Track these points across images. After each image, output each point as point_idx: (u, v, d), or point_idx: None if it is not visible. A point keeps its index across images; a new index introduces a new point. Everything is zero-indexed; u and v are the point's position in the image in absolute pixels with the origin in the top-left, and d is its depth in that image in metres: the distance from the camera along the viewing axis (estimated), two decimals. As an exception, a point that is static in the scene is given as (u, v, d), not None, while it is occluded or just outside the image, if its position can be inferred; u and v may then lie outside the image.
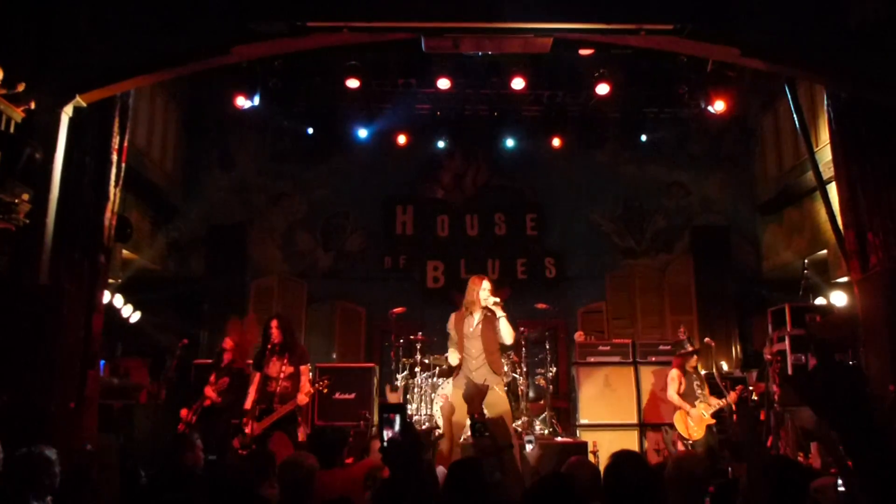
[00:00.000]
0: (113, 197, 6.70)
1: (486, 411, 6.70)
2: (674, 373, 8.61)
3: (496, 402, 6.66)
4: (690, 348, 8.60)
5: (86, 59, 6.31)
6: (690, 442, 8.25)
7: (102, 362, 8.09)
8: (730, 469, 7.56)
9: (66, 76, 6.25)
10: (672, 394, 8.50)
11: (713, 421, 8.30)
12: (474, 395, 5.62)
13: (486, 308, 6.86)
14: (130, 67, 6.52)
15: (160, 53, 6.50)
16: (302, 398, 7.22)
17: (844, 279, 8.92)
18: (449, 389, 7.92)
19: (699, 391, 8.43)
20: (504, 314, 6.80)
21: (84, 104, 6.39)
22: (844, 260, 7.56)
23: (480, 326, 6.84)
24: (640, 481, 2.94)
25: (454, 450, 6.75)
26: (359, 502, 4.43)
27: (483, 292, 6.85)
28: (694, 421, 8.31)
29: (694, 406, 8.34)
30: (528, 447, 7.81)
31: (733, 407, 8.47)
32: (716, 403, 8.37)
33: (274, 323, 7.51)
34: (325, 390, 7.74)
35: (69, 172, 6.27)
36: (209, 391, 7.57)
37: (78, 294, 6.24)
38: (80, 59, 6.29)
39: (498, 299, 6.85)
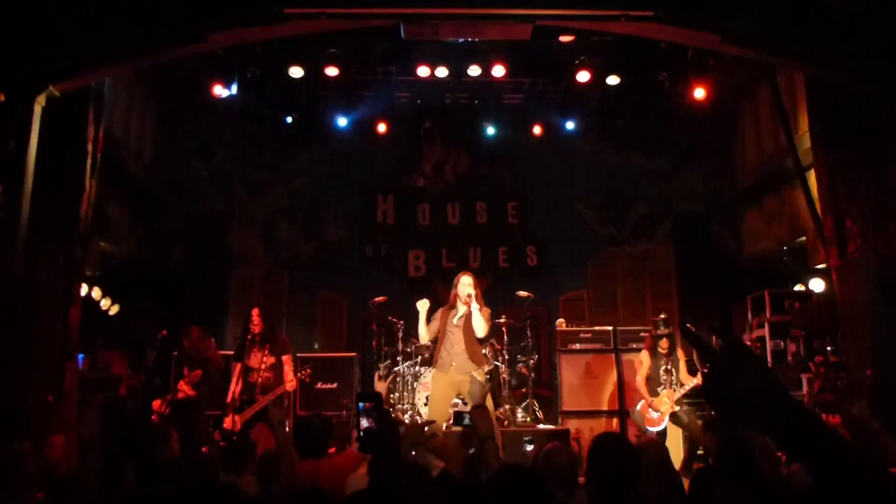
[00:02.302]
0: (89, 188, 6.64)
1: (468, 401, 6.76)
2: (643, 355, 8.22)
3: (478, 391, 6.76)
4: (662, 331, 8.05)
5: (59, 47, 6.21)
6: (648, 430, 7.83)
7: (81, 355, 8.00)
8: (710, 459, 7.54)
9: (39, 66, 6.15)
10: (638, 379, 8.12)
11: (676, 408, 7.77)
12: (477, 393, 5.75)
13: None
14: (104, 56, 6.43)
15: (135, 41, 6.41)
16: (290, 385, 7.25)
17: (823, 265, 8.98)
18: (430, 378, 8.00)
19: (665, 377, 7.93)
20: (477, 307, 6.80)
21: (57, 94, 6.29)
22: (823, 247, 7.63)
23: (463, 319, 6.91)
24: (622, 462, 2.92)
25: None
26: (342, 492, 4.41)
27: (461, 287, 6.92)
28: (654, 410, 7.87)
29: (657, 394, 7.88)
30: (528, 447, 7.70)
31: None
32: (689, 384, 7.82)
33: (255, 311, 7.50)
34: (308, 379, 7.76)
35: (43, 163, 6.19)
36: (182, 384, 7.50)
37: (54, 286, 6.18)
38: (53, 47, 6.19)
39: (469, 293, 6.85)
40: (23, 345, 5.74)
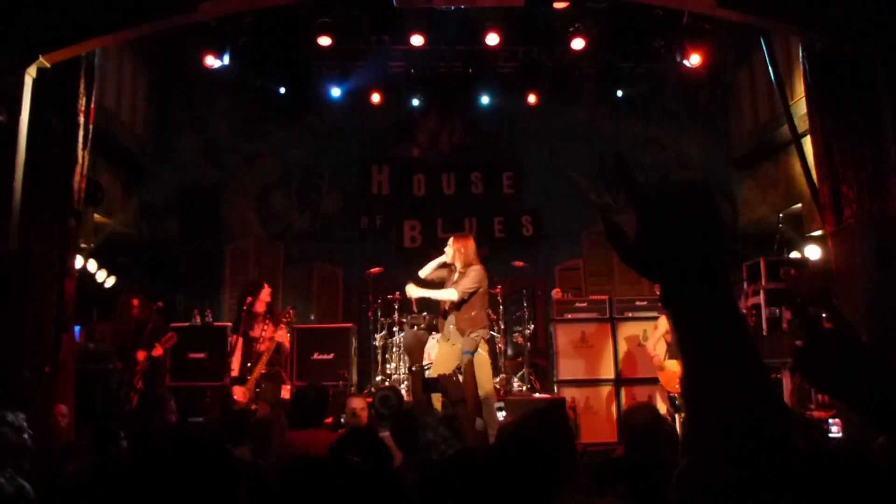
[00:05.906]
0: (82, 160, 6.60)
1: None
2: (662, 319, 8.02)
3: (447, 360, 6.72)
4: None
5: (48, 18, 6.14)
6: (675, 396, 7.72)
7: (78, 328, 8.01)
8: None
9: (28, 37, 6.08)
10: (650, 342, 7.91)
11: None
12: (413, 346, 5.64)
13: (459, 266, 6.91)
14: (93, 26, 6.36)
15: (124, 11, 6.33)
16: (281, 335, 7.41)
17: (819, 232, 8.98)
18: (433, 345, 8.07)
19: None
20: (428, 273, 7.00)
21: (48, 65, 6.23)
22: (819, 213, 7.62)
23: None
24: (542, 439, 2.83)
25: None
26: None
27: (447, 249, 6.98)
28: (669, 375, 7.80)
29: (678, 357, 7.59)
30: (500, 415, 7.65)
31: None
32: None
33: (268, 290, 7.64)
34: (293, 318, 7.91)
35: (35, 135, 6.15)
36: (157, 346, 7.65)
37: (48, 258, 6.17)
38: (42, 18, 6.12)
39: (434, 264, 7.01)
40: (18, 316, 5.73)
